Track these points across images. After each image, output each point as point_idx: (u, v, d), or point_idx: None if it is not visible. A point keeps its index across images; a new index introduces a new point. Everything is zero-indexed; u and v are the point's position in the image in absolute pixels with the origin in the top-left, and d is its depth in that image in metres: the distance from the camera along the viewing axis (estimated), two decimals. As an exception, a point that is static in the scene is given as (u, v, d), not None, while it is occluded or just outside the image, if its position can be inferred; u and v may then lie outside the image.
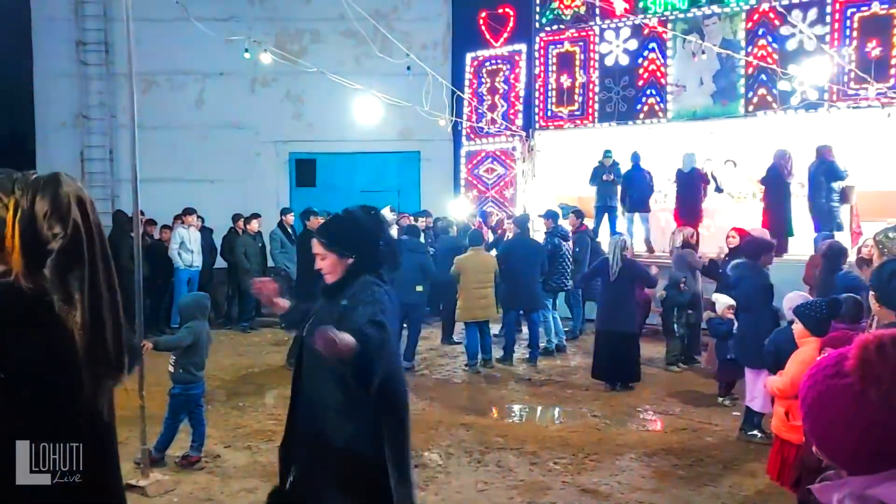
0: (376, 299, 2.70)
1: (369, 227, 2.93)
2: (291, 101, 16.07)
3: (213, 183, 15.25)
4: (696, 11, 11.93)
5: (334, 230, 2.96)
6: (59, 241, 1.66)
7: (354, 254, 2.85)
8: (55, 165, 13.06)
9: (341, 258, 2.85)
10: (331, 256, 2.86)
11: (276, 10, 15.73)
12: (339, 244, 2.86)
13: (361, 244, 2.87)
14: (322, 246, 2.89)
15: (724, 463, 5.45)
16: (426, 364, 8.68)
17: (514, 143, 13.70)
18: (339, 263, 2.86)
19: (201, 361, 5.18)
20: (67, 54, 15.75)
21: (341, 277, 2.86)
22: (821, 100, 10.94)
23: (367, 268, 2.85)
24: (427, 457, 5.56)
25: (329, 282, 2.90)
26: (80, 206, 1.77)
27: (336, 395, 2.71)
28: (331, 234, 2.92)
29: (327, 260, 2.88)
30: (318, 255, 2.91)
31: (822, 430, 1.32)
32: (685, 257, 8.51)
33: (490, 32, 14.22)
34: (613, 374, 7.53)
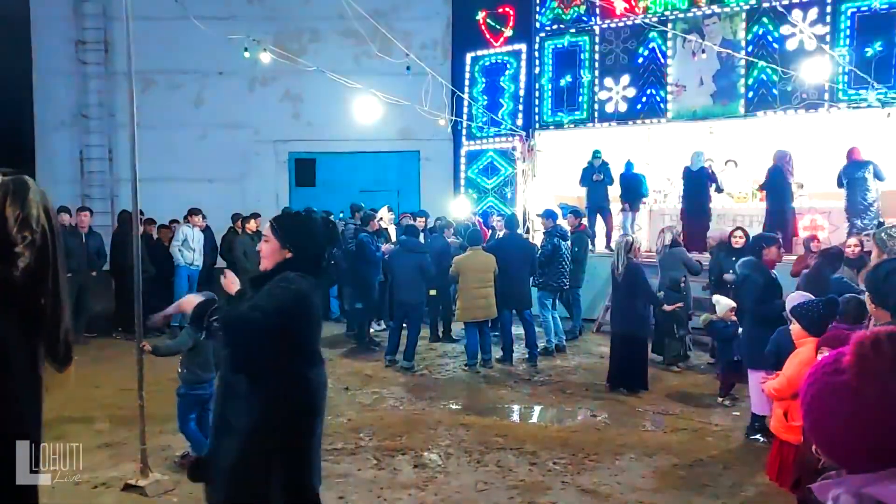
0: (278, 294, 2.78)
1: (319, 234, 3.08)
2: (291, 101, 16.06)
3: (212, 182, 15.26)
4: (696, 11, 11.92)
5: (288, 221, 3.10)
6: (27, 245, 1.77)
7: (293, 250, 2.95)
8: (54, 164, 13.10)
9: (281, 248, 2.96)
10: (273, 242, 2.98)
11: (275, 10, 15.72)
12: (285, 235, 2.98)
13: (304, 245, 2.98)
14: (271, 230, 3.02)
15: (724, 463, 5.44)
16: (426, 364, 8.67)
17: (513, 143, 13.69)
18: (276, 252, 2.97)
19: (206, 362, 5.06)
20: (67, 53, 15.74)
21: (272, 269, 2.96)
22: (820, 100, 10.94)
23: (297, 267, 2.93)
24: (427, 457, 5.56)
25: (262, 267, 3.01)
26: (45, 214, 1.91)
27: (234, 382, 2.83)
28: (283, 223, 3.05)
29: (269, 244, 2.99)
30: (264, 237, 3.03)
31: (821, 427, 1.32)
32: (680, 255, 8.53)
33: (490, 32, 14.20)
34: (621, 379, 7.47)
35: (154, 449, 5.29)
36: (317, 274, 3.03)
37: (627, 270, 7.33)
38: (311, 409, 2.97)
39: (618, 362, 7.52)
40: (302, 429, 2.93)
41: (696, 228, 10.52)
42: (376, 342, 9.57)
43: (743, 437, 5.95)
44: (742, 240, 7.82)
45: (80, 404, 6.81)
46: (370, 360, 8.87)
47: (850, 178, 9.83)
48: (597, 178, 11.75)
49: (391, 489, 4.94)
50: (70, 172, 15.77)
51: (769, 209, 10.18)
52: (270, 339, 2.71)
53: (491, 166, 14.12)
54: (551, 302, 9.33)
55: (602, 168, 11.78)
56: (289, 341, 2.80)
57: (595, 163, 11.80)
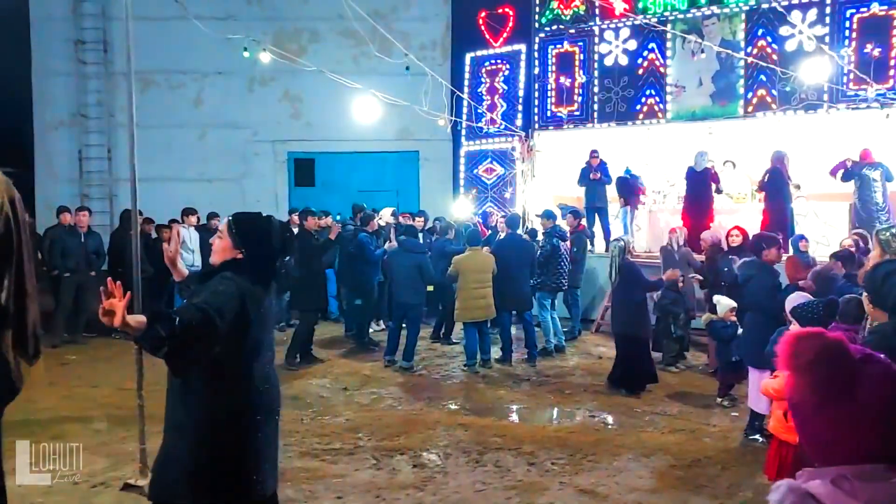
0: (219, 291, 2.77)
1: (274, 240, 3.04)
2: (290, 101, 16.06)
3: (211, 182, 15.26)
4: (695, 12, 11.92)
5: (246, 222, 3.05)
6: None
7: (245, 252, 2.95)
8: (53, 164, 13.12)
9: (233, 247, 2.95)
10: (227, 240, 2.97)
11: (274, 10, 15.72)
12: (241, 235, 2.97)
13: (256, 249, 2.97)
14: (227, 228, 3.00)
15: (723, 464, 5.45)
16: (425, 364, 8.67)
17: (513, 144, 13.69)
18: (228, 250, 2.96)
19: None
20: (66, 53, 15.73)
21: (219, 266, 2.95)
22: (820, 100, 10.95)
23: (244, 269, 2.92)
24: (425, 457, 5.56)
25: (211, 261, 3.01)
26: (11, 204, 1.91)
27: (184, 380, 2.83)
28: (240, 224, 3.02)
29: (223, 241, 2.98)
30: (218, 233, 3.03)
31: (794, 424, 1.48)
32: (688, 256, 8.61)
33: (489, 32, 14.20)
34: (622, 380, 7.50)
35: (153, 449, 5.28)
36: (267, 279, 3.02)
37: (622, 271, 7.37)
38: (256, 407, 2.96)
39: (619, 363, 7.55)
40: (245, 426, 2.93)
41: (699, 229, 10.51)
42: (375, 342, 9.57)
43: (741, 437, 5.95)
44: (739, 238, 7.83)
45: (79, 404, 6.82)
46: (369, 360, 8.87)
47: (863, 179, 9.86)
48: (594, 176, 11.77)
49: (389, 489, 4.94)
50: (69, 172, 15.76)
51: (767, 210, 10.18)
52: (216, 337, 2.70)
53: (490, 167, 14.13)
54: (550, 302, 9.33)
55: (600, 167, 11.79)
56: (233, 339, 2.78)
57: (593, 162, 11.81)
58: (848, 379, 1.40)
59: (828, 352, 1.42)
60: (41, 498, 4.50)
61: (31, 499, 4.45)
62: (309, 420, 6.49)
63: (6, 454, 4.09)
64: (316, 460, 5.48)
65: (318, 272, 8.74)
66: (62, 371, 8.29)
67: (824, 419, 1.41)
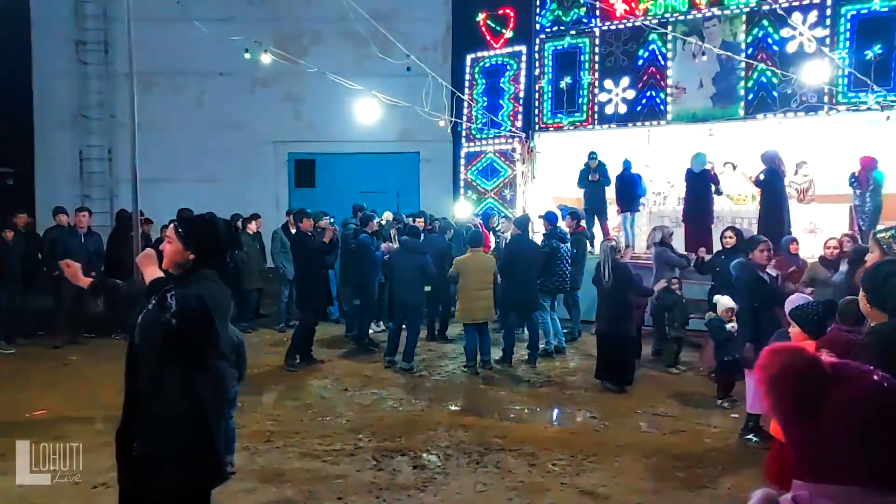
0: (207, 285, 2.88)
1: (222, 238, 3.13)
2: (291, 102, 16.08)
3: (212, 183, 15.25)
4: (695, 13, 11.93)
5: (192, 224, 3.12)
6: None
7: (196, 253, 3.01)
8: (54, 165, 13.11)
9: (184, 250, 3.00)
10: (177, 244, 3.02)
11: (276, 11, 15.74)
12: (189, 237, 3.02)
13: (207, 248, 3.04)
14: (175, 232, 3.04)
15: (723, 465, 5.45)
16: (425, 365, 8.67)
17: (513, 145, 13.70)
18: (178, 254, 3.01)
19: None
20: (67, 54, 15.75)
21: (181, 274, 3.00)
22: (820, 102, 10.96)
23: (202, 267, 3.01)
24: (426, 458, 5.56)
25: (163, 265, 3.04)
26: None
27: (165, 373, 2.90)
28: (187, 226, 3.08)
29: (172, 245, 3.02)
30: (167, 238, 3.07)
31: None
32: (661, 255, 8.63)
33: (490, 34, 14.22)
34: (610, 376, 7.61)
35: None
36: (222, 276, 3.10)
37: (615, 272, 7.42)
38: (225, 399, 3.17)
39: (604, 359, 7.65)
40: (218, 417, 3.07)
41: (699, 231, 10.53)
42: (375, 343, 9.57)
43: (740, 438, 5.96)
44: (733, 240, 7.85)
45: (80, 404, 6.83)
46: (369, 361, 8.87)
47: (875, 183, 9.90)
48: (593, 178, 11.78)
49: (390, 490, 4.95)
50: (70, 173, 15.78)
51: (763, 210, 10.19)
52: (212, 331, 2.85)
53: (491, 168, 14.13)
54: (550, 304, 9.33)
55: (598, 169, 11.79)
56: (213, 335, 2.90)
57: (591, 164, 11.82)
58: (813, 398, 1.41)
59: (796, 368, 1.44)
60: (42, 499, 4.51)
61: (32, 499, 4.45)
62: (309, 421, 6.49)
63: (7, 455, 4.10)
64: (317, 461, 5.48)
65: (317, 274, 8.72)
66: (64, 372, 8.30)
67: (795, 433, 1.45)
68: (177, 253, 3.00)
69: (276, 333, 10.50)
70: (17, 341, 9.44)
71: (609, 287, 7.47)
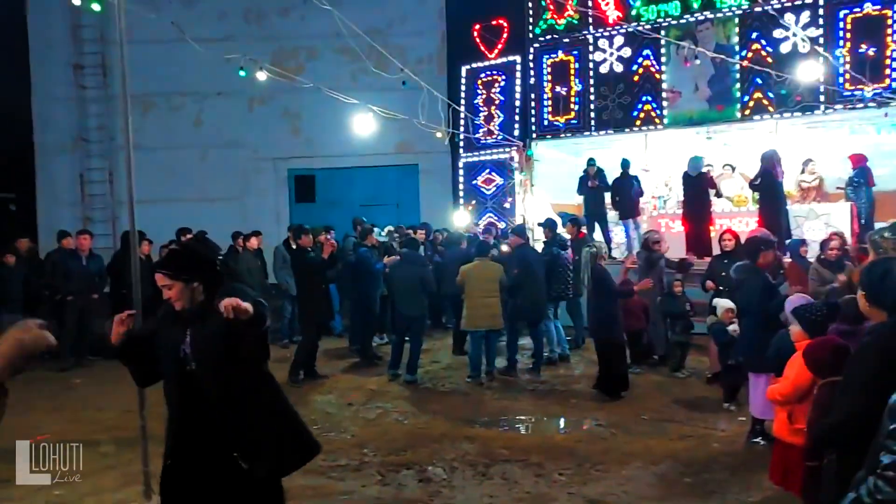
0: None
1: (205, 254, 3.28)
2: (289, 119, 16.15)
3: (213, 201, 15.31)
4: (688, 17, 11.98)
5: (178, 261, 3.18)
6: None
7: (200, 278, 3.07)
8: (56, 188, 13.14)
9: (188, 285, 3.05)
10: (177, 285, 3.06)
11: (272, 29, 15.85)
12: (184, 272, 3.07)
13: (204, 269, 3.13)
14: (167, 277, 3.06)
15: (731, 469, 5.41)
16: (429, 377, 8.65)
17: (511, 154, 13.73)
18: (185, 290, 3.06)
19: None
20: (65, 78, 15.86)
21: (204, 300, 3.07)
22: (817, 101, 10.97)
23: (216, 285, 3.11)
24: (431, 471, 5.53)
25: (179, 307, 3.08)
26: None
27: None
28: (175, 266, 3.12)
29: (174, 289, 3.06)
30: (164, 286, 3.08)
31: None
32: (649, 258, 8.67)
33: (484, 45, 14.29)
34: (602, 383, 7.60)
35: (157, 471, 5.26)
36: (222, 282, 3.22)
37: (594, 277, 7.51)
38: None
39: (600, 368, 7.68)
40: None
41: (699, 233, 10.53)
42: (379, 356, 9.56)
43: (747, 442, 5.92)
44: (731, 242, 7.83)
45: (85, 427, 6.81)
46: (373, 374, 8.85)
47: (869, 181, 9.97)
48: (592, 184, 11.79)
49: (396, 504, 4.92)
50: (71, 195, 15.85)
51: (761, 212, 10.19)
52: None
53: (489, 177, 14.16)
54: (553, 311, 9.32)
55: (597, 175, 11.80)
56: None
57: (590, 171, 11.83)
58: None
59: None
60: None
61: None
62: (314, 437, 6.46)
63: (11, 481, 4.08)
64: (322, 477, 5.46)
65: (318, 289, 8.71)
66: (68, 395, 8.29)
67: None
68: (183, 291, 3.05)
69: (279, 349, 10.47)
70: (22, 366, 9.44)
71: (590, 292, 7.51)
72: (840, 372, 3.32)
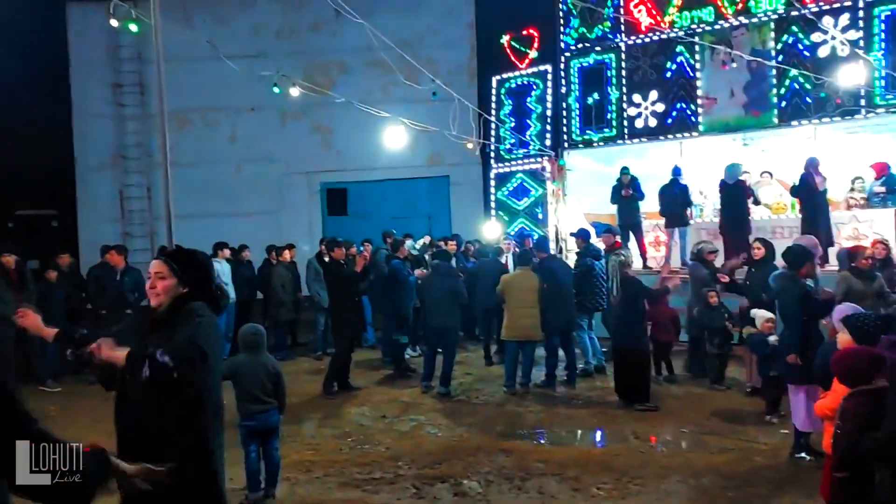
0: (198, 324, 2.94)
1: (209, 269, 3.23)
2: (321, 133, 16.34)
3: (247, 216, 15.54)
4: (722, 23, 11.80)
5: (184, 260, 3.14)
6: None
7: (190, 286, 3.06)
8: (96, 204, 13.46)
9: (178, 285, 3.04)
10: (171, 280, 3.04)
11: (303, 45, 16.07)
12: (183, 273, 3.06)
13: (199, 280, 3.11)
14: (168, 269, 3.06)
15: (776, 483, 5.25)
16: (463, 389, 8.60)
17: (543, 164, 13.65)
18: (173, 289, 3.04)
19: (246, 393, 5.06)
20: (104, 96, 16.29)
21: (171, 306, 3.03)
22: (857, 106, 10.70)
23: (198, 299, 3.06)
24: (467, 484, 5.47)
25: (154, 303, 3.06)
26: None
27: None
28: (180, 262, 3.10)
29: (166, 282, 3.04)
30: (158, 274, 3.06)
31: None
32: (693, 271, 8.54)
33: (515, 55, 14.26)
34: (625, 392, 7.52)
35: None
36: (215, 306, 3.15)
37: (624, 286, 7.47)
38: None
39: (620, 377, 7.60)
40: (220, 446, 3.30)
41: (737, 242, 10.30)
42: (412, 368, 9.53)
43: (790, 456, 5.75)
44: (761, 251, 7.63)
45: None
46: (407, 386, 8.83)
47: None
48: (626, 193, 11.63)
49: (431, 518, 4.87)
50: (111, 211, 16.22)
51: (802, 219, 9.96)
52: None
53: (521, 187, 14.10)
54: (587, 322, 9.20)
55: (631, 184, 11.65)
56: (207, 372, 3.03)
57: (624, 179, 11.68)
58: None
59: None
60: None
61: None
62: (349, 449, 6.46)
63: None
64: (357, 490, 5.43)
65: (350, 301, 8.73)
66: (109, 408, 8.40)
67: None
68: (171, 288, 3.04)
69: (313, 362, 10.52)
70: (64, 379, 9.62)
71: (617, 301, 7.43)
72: (871, 381, 3.23)
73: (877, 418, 3.19)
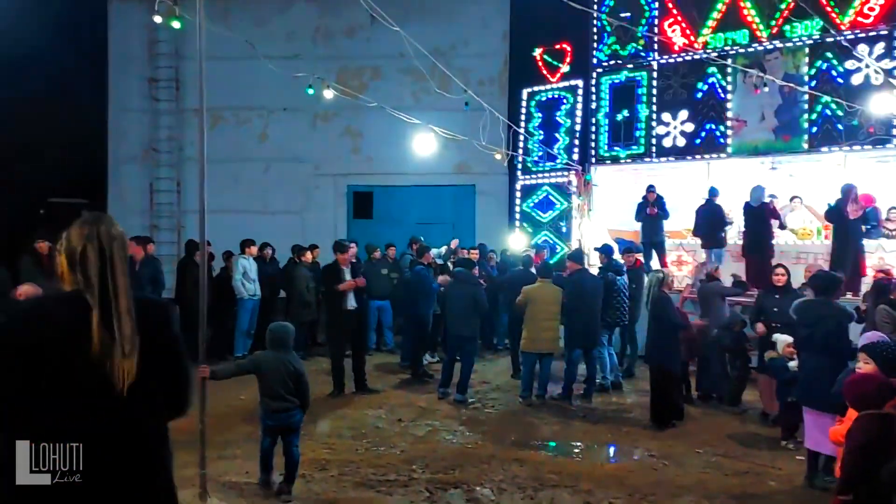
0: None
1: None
2: (351, 136, 16.49)
3: (273, 214, 15.73)
4: (756, 46, 11.78)
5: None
6: None
7: None
8: (126, 196, 13.72)
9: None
10: None
11: (338, 49, 16.27)
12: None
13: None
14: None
15: (789, 509, 5.24)
16: (479, 398, 8.64)
17: (569, 178, 13.68)
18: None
19: (270, 390, 5.14)
20: (140, 91, 16.59)
21: None
22: (888, 135, 10.63)
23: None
24: (479, 491, 5.52)
25: None
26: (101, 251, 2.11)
27: None
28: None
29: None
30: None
31: None
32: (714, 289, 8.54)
33: (546, 68, 14.33)
34: (659, 415, 7.47)
35: (213, 473, 5.41)
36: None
37: (653, 302, 7.46)
38: None
39: (656, 396, 7.56)
40: None
41: (758, 265, 10.25)
42: (430, 374, 9.59)
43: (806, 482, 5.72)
44: (784, 277, 7.61)
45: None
46: (423, 392, 8.88)
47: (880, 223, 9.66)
48: (651, 211, 11.64)
49: (444, 522, 4.92)
50: (141, 203, 16.49)
51: (832, 245, 9.89)
52: None
53: (546, 200, 14.13)
54: (607, 338, 9.20)
55: (657, 202, 11.65)
56: None
57: (649, 197, 11.69)
58: None
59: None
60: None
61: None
62: (364, 450, 6.53)
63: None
64: (371, 491, 5.50)
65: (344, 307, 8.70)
66: None
67: None
68: None
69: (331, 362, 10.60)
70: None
71: (650, 313, 7.53)
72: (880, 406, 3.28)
73: (886, 445, 3.20)
